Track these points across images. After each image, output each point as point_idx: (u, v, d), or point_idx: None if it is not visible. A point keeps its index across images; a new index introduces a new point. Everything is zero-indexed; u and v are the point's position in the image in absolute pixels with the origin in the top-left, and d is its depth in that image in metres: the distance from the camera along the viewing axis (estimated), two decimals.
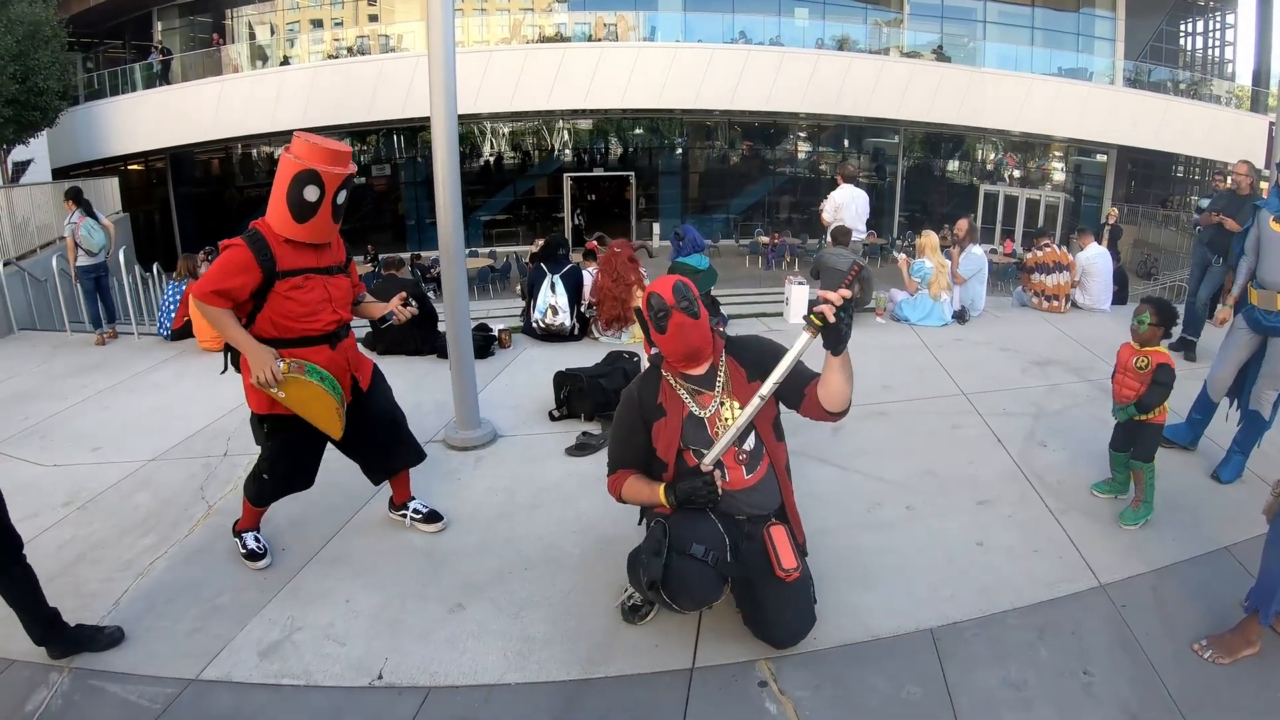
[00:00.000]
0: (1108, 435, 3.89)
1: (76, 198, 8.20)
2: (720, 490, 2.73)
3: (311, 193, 2.95)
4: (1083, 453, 4.29)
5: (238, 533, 3.57)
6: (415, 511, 3.76)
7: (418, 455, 3.69)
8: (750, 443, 2.85)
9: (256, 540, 3.54)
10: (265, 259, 2.99)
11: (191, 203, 22.67)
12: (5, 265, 8.51)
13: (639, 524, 3.21)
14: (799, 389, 2.74)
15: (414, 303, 3.45)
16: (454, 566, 3.45)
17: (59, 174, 17.89)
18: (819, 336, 2.42)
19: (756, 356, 2.83)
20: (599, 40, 21.17)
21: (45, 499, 4.25)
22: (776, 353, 2.73)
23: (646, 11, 21.85)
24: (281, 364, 2.98)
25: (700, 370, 2.83)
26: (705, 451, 2.76)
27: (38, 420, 5.56)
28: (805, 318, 2.42)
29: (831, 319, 2.35)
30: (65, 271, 8.53)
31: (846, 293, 2.34)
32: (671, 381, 2.84)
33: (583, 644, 2.94)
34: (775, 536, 2.81)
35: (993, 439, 4.63)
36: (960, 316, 7.36)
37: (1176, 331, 6.31)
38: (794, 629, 2.89)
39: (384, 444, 3.55)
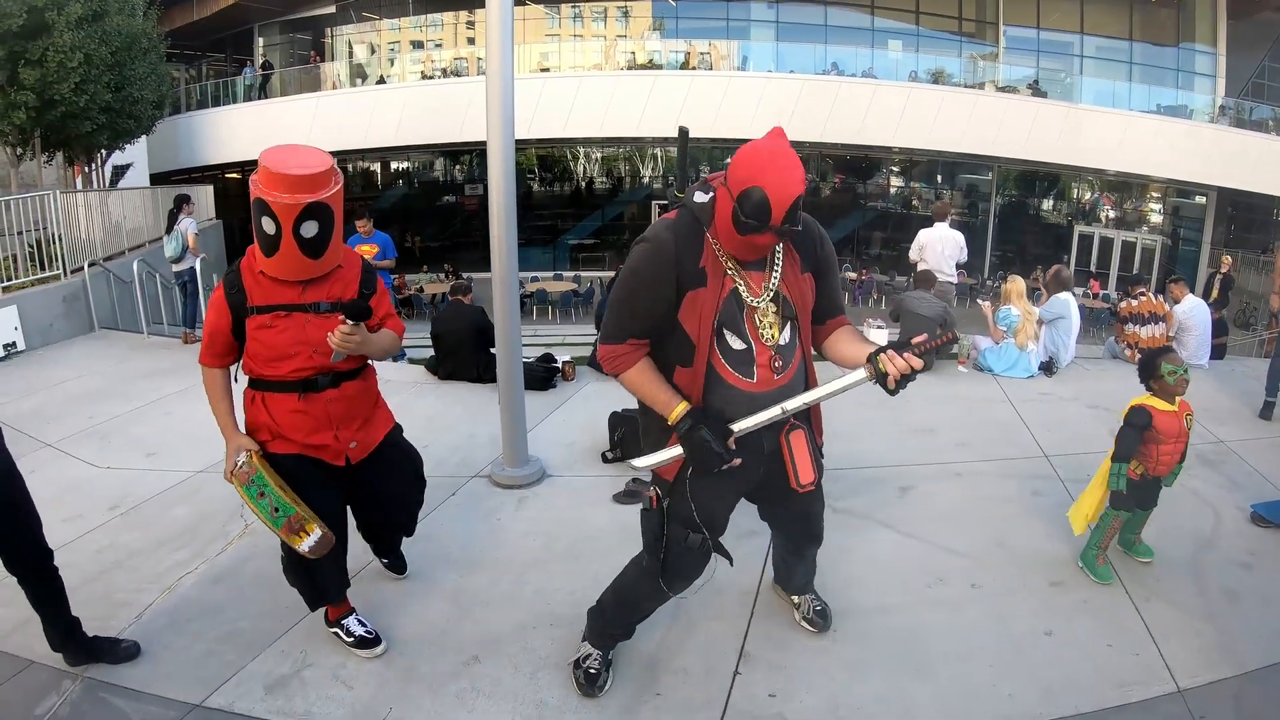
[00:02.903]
0: (1204, 510, 3.46)
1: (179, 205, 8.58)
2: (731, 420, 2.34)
3: (268, 224, 2.50)
4: (1172, 529, 3.84)
5: (334, 622, 3.06)
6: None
7: (404, 531, 3.33)
8: (786, 335, 2.41)
9: (360, 623, 3.04)
10: (234, 293, 2.64)
11: None
12: (90, 265, 8.80)
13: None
14: (821, 318, 2.51)
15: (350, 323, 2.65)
16: (477, 615, 3.27)
17: (157, 179, 18.74)
18: (874, 380, 2.22)
19: (812, 242, 2.44)
20: (692, 69, 21.15)
21: (93, 501, 4.34)
22: (830, 255, 2.49)
23: (739, 40, 21.82)
24: (241, 458, 2.70)
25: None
26: (737, 341, 2.35)
27: (101, 420, 5.68)
28: (872, 358, 2.20)
29: (890, 385, 2.17)
30: (152, 274, 8.86)
31: (918, 363, 2.15)
32: (715, 247, 2.32)
33: (598, 716, 2.71)
34: (795, 445, 2.47)
35: None
36: (1047, 368, 6.91)
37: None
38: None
39: (377, 525, 3.23)
